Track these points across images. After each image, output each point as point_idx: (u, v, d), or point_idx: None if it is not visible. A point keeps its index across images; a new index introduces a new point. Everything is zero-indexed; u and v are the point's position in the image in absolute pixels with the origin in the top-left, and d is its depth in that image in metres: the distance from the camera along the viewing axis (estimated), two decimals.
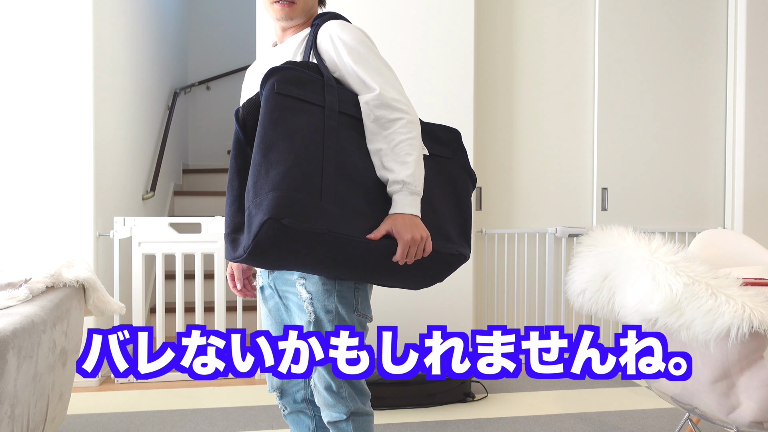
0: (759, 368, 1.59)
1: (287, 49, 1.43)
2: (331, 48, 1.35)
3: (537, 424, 2.48)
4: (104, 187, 3.15)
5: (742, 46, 3.46)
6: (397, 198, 1.27)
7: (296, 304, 1.38)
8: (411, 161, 1.27)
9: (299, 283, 1.35)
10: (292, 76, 1.26)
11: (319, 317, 1.34)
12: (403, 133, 1.29)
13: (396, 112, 1.30)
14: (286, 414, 1.55)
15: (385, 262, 1.27)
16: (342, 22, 1.39)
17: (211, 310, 3.92)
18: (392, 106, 1.30)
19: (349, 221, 1.21)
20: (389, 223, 1.25)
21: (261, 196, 1.15)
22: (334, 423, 1.40)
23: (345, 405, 1.37)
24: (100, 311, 2.17)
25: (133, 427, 2.45)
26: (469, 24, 3.21)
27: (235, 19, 5.76)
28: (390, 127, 1.29)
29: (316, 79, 1.29)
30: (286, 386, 1.50)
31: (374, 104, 1.30)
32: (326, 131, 1.25)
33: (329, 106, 1.27)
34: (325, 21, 1.39)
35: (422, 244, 1.26)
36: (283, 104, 1.23)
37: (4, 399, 1.50)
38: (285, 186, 1.15)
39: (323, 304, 1.33)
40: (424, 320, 3.19)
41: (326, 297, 1.33)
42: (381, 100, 1.30)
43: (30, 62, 2.91)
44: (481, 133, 3.39)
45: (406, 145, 1.28)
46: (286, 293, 1.40)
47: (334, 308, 1.34)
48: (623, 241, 1.82)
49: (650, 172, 3.53)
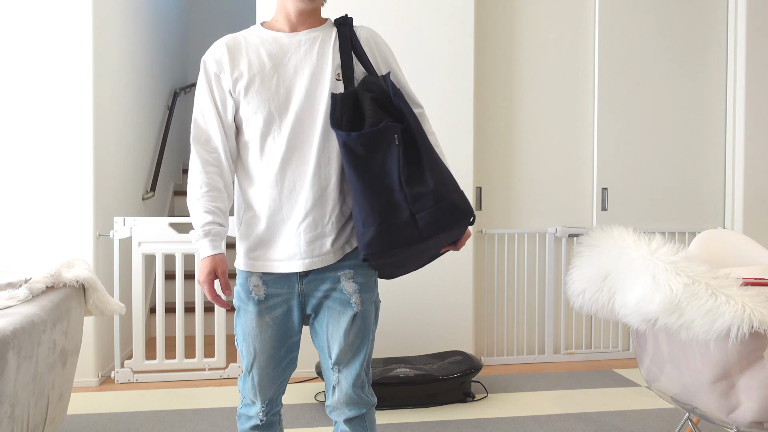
0: (759, 368, 1.59)
1: (315, 42, 1.40)
2: (377, 53, 1.45)
3: (537, 424, 2.48)
4: (104, 187, 3.15)
5: (742, 46, 3.46)
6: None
7: (338, 300, 1.39)
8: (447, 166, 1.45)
9: (346, 276, 1.39)
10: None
11: (366, 309, 1.41)
12: (439, 144, 1.47)
13: (431, 126, 1.49)
14: (260, 424, 1.47)
15: (431, 254, 1.44)
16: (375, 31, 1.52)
17: (211, 310, 3.92)
18: (430, 122, 1.51)
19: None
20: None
21: (455, 195, 1.34)
22: (351, 419, 1.42)
23: (366, 400, 1.44)
24: (100, 311, 2.17)
25: (133, 427, 2.45)
26: (469, 24, 3.21)
27: (235, 19, 5.77)
28: (432, 137, 1.46)
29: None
30: (276, 395, 1.47)
31: (423, 119, 1.47)
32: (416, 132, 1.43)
33: (408, 113, 1.42)
34: (350, 22, 1.46)
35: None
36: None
37: (4, 399, 1.50)
38: (455, 188, 1.37)
39: (372, 295, 1.43)
40: (423, 320, 3.19)
41: (374, 287, 1.45)
42: (425, 116, 1.49)
43: (30, 63, 2.91)
44: (481, 133, 3.39)
45: (442, 155, 1.45)
46: (328, 292, 1.39)
47: (375, 298, 1.45)
48: (623, 241, 1.82)
49: (650, 172, 3.53)
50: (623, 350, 3.55)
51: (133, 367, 3.03)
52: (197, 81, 1.46)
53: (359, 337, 1.40)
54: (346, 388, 1.40)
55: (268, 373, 1.43)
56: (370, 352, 1.44)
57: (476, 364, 2.77)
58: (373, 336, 1.45)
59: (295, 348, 1.46)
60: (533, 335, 3.48)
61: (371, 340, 1.44)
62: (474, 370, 2.73)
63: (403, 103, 1.37)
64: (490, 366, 3.38)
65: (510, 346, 3.46)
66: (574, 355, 3.49)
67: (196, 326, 3.10)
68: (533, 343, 3.47)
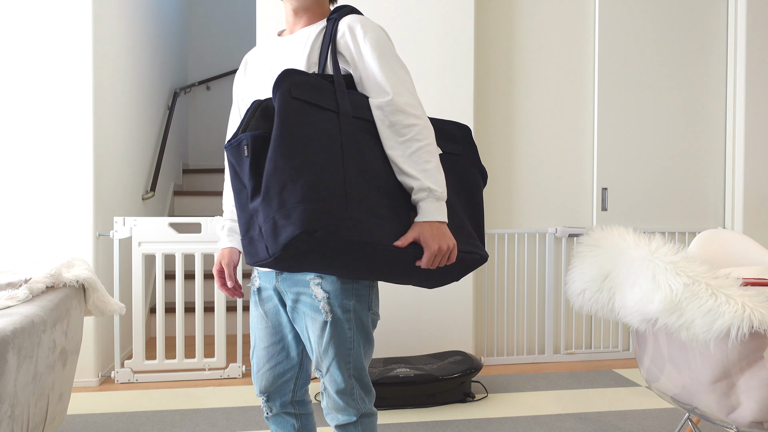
0: (759, 368, 1.59)
1: (298, 40, 1.39)
2: (352, 44, 1.33)
3: (537, 424, 2.48)
4: (104, 187, 3.15)
5: (742, 46, 3.46)
6: (423, 206, 1.26)
7: (309, 305, 1.35)
8: (431, 168, 1.27)
9: (314, 283, 1.33)
10: (306, 81, 1.24)
11: (337, 317, 1.33)
12: (420, 139, 1.27)
13: (410, 118, 1.28)
14: (269, 416, 1.52)
15: (408, 266, 1.28)
16: (363, 18, 1.36)
17: (211, 310, 3.93)
18: (406, 111, 1.28)
19: (377, 228, 1.21)
20: (417, 231, 1.24)
21: (289, 206, 1.13)
22: (342, 426, 1.38)
23: (356, 407, 1.37)
24: (100, 311, 2.17)
25: (133, 427, 2.45)
26: (469, 23, 3.21)
27: (235, 19, 5.77)
28: (406, 134, 1.27)
29: (326, 85, 1.28)
30: (276, 389, 1.48)
31: (389, 110, 1.28)
32: (344, 137, 1.24)
33: (344, 112, 1.26)
34: (344, 15, 1.36)
35: (448, 252, 1.26)
36: (302, 109, 1.21)
37: (4, 399, 1.50)
38: (314, 197, 1.14)
39: (341, 303, 1.33)
40: (423, 319, 3.19)
41: (344, 296, 1.33)
42: (395, 105, 1.28)
43: (30, 62, 2.91)
44: (481, 133, 3.39)
45: (424, 152, 1.27)
46: (299, 295, 1.37)
47: (352, 307, 1.34)
48: (623, 241, 1.82)
49: (650, 172, 3.53)
50: (623, 350, 3.55)
51: (133, 367, 3.03)
52: None
53: (334, 346, 1.34)
54: (332, 393, 1.37)
55: (263, 365, 1.47)
56: (357, 362, 1.36)
57: (476, 364, 2.77)
58: (357, 346, 1.36)
59: (291, 348, 1.46)
60: (533, 335, 3.48)
61: (355, 350, 1.36)
62: (474, 370, 2.73)
63: (279, 104, 1.20)
64: (490, 366, 3.38)
65: (510, 346, 3.46)
66: (574, 355, 3.49)
67: (196, 326, 3.10)
68: (533, 343, 3.47)
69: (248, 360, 3.40)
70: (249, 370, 3.21)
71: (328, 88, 1.28)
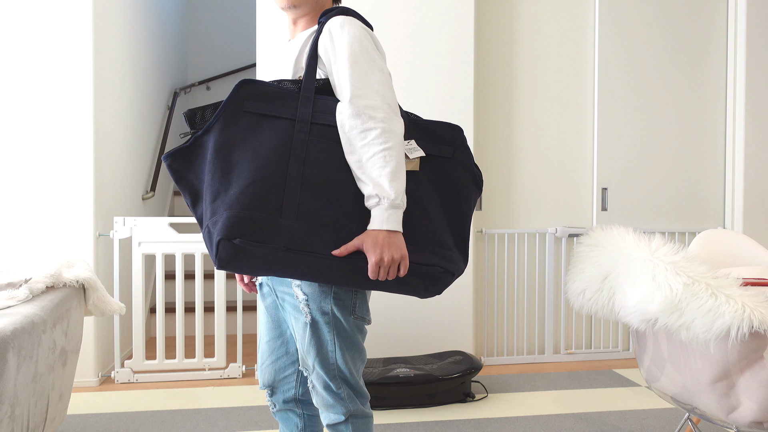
0: (759, 368, 1.59)
1: (295, 46, 1.40)
2: (329, 46, 1.31)
3: (537, 424, 2.48)
4: (104, 187, 3.15)
5: (742, 46, 3.46)
6: (373, 213, 1.22)
7: (292, 305, 1.36)
8: (386, 174, 1.21)
9: (295, 284, 1.34)
10: (263, 91, 1.26)
11: (315, 319, 1.33)
12: (378, 144, 1.22)
13: (369, 122, 1.23)
14: (275, 411, 1.54)
15: (360, 276, 1.24)
16: (344, 19, 1.32)
17: (211, 310, 3.93)
18: (365, 115, 1.23)
19: (312, 236, 1.20)
20: (361, 240, 1.21)
21: (217, 215, 1.19)
22: (333, 425, 1.38)
23: (344, 406, 1.36)
24: (100, 311, 2.18)
25: (133, 427, 2.45)
26: (469, 24, 3.21)
27: (235, 19, 5.76)
28: (363, 138, 1.22)
29: (290, 92, 1.28)
30: (278, 384, 1.50)
31: (346, 114, 1.24)
32: (294, 145, 1.24)
33: (301, 119, 1.25)
34: (331, 17, 1.34)
35: (395, 264, 1.22)
36: (246, 122, 1.24)
37: (4, 399, 1.50)
38: (239, 205, 1.17)
39: (319, 306, 1.32)
40: (423, 319, 3.19)
41: (322, 299, 1.32)
42: (352, 109, 1.24)
43: (30, 62, 2.91)
44: (481, 133, 3.39)
45: (379, 157, 1.21)
46: (283, 293, 1.39)
47: (331, 310, 1.32)
48: (623, 241, 1.82)
49: (650, 172, 3.53)
50: (623, 350, 3.55)
51: (133, 367, 3.03)
52: None
53: (314, 347, 1.33)
54: (319, 389, 1.38)
55: (266, 358, 1.50)
56: (340, 364, 1.35)
57: (476, 364, 2.77)
58: (338, 349, 1.34)
59: (290, 343, 1.48)
60: (533, 335, 3.48)
61: (337, 353, 1.34)
62: (474, 370, 2.73)
63: (222, 112, 1.24)
64: (490, 366, 3.38)
65: (510, 346, 3.46)
66: (574, 355, 3.49)
67: (196, 326, 3.10)
68: (533, 343, 3.47)
69: (248, 360, 3.41)
70: (249, 370, 3.22)
71: (292, 95, 1.28)
